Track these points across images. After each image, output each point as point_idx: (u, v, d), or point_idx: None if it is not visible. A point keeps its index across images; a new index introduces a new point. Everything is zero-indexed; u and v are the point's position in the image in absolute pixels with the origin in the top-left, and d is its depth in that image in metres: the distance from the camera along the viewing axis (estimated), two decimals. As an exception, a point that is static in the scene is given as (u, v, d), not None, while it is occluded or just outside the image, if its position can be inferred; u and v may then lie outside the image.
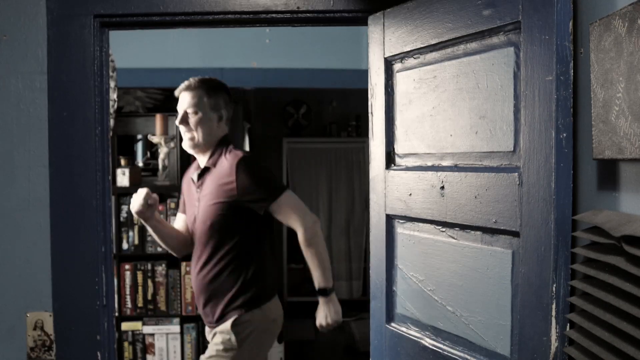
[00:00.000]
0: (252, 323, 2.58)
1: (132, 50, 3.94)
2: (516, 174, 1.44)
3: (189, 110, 2.61)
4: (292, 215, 2.57)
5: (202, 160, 2.67)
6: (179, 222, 2.86)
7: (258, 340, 2.62)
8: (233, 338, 2.55)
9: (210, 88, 2.64)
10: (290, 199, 2.58)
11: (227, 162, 2.56)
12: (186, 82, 2.66)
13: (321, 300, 2.61)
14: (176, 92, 2.69)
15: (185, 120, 2.61)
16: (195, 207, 2.67)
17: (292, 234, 6.96)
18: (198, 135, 2.60)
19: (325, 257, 2.60)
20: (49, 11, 1.93)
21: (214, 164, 2.61)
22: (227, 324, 2.57)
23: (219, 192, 2.55)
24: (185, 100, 2.63)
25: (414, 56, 1.83)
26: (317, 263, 2.57)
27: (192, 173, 2.75)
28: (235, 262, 2.58)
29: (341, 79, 4.28)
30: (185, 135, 2.63)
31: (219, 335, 2.61)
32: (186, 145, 2.65)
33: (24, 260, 1.96)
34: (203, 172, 2.65)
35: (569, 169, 1.33)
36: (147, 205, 2.55)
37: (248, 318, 2.58)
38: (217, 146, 2.63)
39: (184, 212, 2.82)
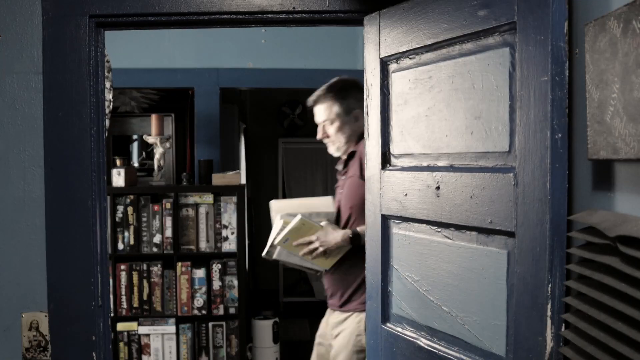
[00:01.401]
0: None
1: (128, 51, 3.93)
2: (511, 174, 1.45)
3: (325, 123, 2.60)
4: None
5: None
6: None
7: None
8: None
9: (338, 93, 2.60)
10: None
11: None
12: (314, 95, 2.62)
13: (344, 234, 2.53)
14: (308, 104, 2.67)
15: (324, 133, 2.61)
16: (340, 192, 2.67)
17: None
18: (340, 141, 2.60)
19: None
20: (44, 11, 1.93)
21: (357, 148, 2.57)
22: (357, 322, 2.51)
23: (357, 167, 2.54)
24: (318, 114, 2.62)
25: (410, 56, 1.84)
26: None
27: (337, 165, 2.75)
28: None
29: (337, 80, 4.27)
30: (330, 147, 2.64)
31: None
32: (333, 153, 2.66)
33: (19, 260, 1.96)
34: (349, 157, 2.63)
35: (564, 170, 1.33)
36: None
37: None
38: (361, 135, 2.54)
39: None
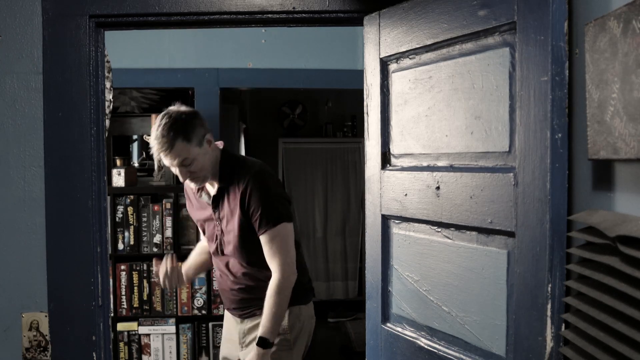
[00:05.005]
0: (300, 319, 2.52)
1: (128, 51, 3.93)
2: (511, 174, 1.45)
3: (185, 164, 2.37)
4: (274, 258, 2.38)
5: (213, 183, 2.51)
6: (203, 241, 2.76)
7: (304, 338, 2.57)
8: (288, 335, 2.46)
9: (184, 130, 2.35)
10: (276, 239, 2.38)
11: (240, 178, 2.41)
12: (163, 145, 2.33)
13: (257, 350, 2.34)
14: (154, 156, 2.43)
15: (185, 175, 2.40)
16: (217, 227, 2.54)
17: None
18: (203, 174, 2.42)
19: (283, 313, 2.40)
20: (44, 11, 1.93)
21: (229, 183, 2.45)
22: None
23: (237, 210, 2.42)
24: (169, 160, 2.38)
25: (410, 56, 1.84)
26: (273, 313, 2.35)
27: (203, 196, 2.57)
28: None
29: (337, 79, 4.27)
30: (198, 182, 2.46)
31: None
32: (198, 185, 2.50)
33: (20, 260, 1.96)
34: (218, 194, 2.48)
35: (564, 169, 1.33)
36: (173, 279, 2.54)
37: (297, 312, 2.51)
38: (222, 165, 2.46)
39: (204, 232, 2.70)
